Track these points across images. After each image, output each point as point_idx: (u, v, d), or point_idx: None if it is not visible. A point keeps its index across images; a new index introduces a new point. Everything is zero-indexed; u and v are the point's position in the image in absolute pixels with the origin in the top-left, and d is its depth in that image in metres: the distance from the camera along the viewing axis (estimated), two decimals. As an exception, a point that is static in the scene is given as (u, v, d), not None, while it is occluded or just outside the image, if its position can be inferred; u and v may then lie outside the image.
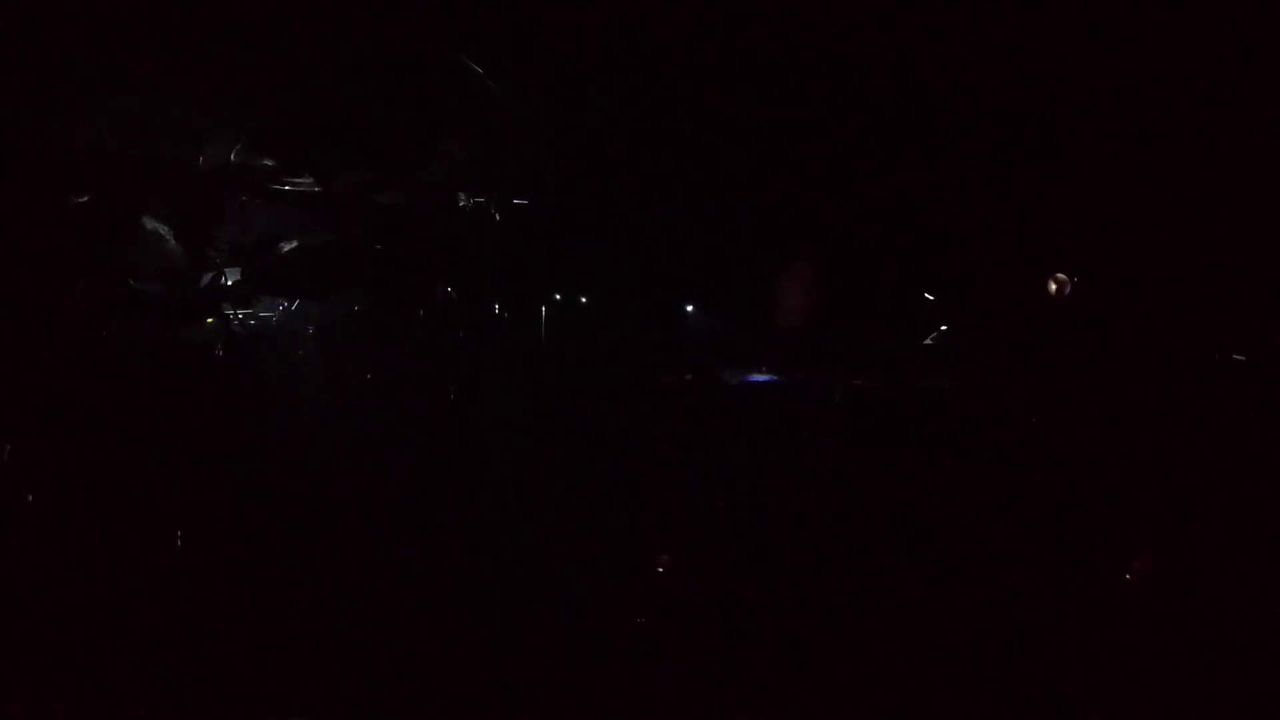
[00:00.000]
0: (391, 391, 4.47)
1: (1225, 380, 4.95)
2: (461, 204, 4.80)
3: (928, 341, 5.46)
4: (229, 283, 4.31)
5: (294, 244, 4.23)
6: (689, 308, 5.62)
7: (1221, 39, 4.77)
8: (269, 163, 4.19)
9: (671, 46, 5.08)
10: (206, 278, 4.14)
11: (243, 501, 3.79)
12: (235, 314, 4.14)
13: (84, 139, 4.55)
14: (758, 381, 5.22)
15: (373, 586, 3.88)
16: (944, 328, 5.45)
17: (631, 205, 5.45)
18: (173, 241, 4.22)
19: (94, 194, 3.87)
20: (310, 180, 4.17)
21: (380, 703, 3.49)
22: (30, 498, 3.51)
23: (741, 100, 5.35)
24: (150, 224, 4.10)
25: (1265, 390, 4.84)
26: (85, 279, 3.95)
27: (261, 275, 4.24)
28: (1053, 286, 5.27)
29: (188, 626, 3.45)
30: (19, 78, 4.52)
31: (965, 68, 5.16)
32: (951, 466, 4.76)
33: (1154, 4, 4.83)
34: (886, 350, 5.30)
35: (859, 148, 5.43)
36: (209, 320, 4.03)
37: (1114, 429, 4.82)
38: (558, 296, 5.08)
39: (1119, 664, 4.04)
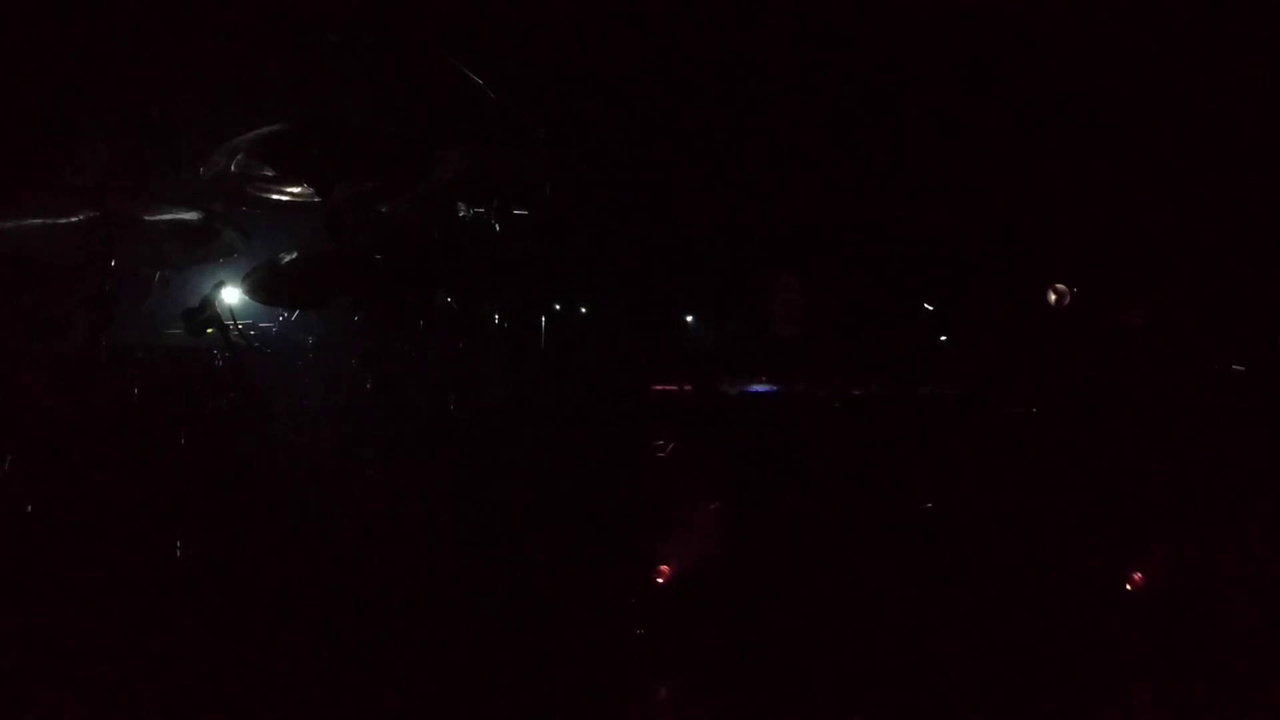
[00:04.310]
0: (391, 400, 4.46)
1: (1225, 391, 4.95)
2: (461, 214, 4.80)
3: (927, 350, 5.46)
4: (228, 292, 4.30)
5: (293, 254, 4.21)
6: (688, 318, 5.62)
7: (1222, 44, 4.78)
8: (268, 172, 4.18)
9: (672, 56, 5.09)
10: (206, 287, 4.12)
11: (242, 511, 3.78)
12: (235, 324, 4.12)
13: (83, 146, 4.56)
14: (757, 391, 5.21)
15: (372, 595, 3.87)
16: (944, 337, 5.45)
17: (631, 215, 5.45)
18: (172, 248, 4.21)
19: (92, 202, 3.85)
20: (310, 190, 4.16)
21: (379, 708, 3.48)
22: (29, 508, 3.50)
23: (741, 110, 5.36)
24: (149, 232, 4.08)
25: (1265, 401, 4.85)
26: (84, 288, 3.94)
27: (261, 284, 4.23)
28: (1052, 296, 5.27)
29: (188, 634, 3.45)
30: (18, 80, 4.52)
31: (964, 75, 5.17)
32: (952, 476, 4.76)
33: (1152, 8, 4.84)
34: (886, 360, 5.30)
35: (859, 156, 5.44)
36: (208, 330, 4.01)
37: (1114, 439, 4.82)
38: (557, 306, 5.08)
39: (1120, 671, 4.04)
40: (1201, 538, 4.53)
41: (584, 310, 5.32)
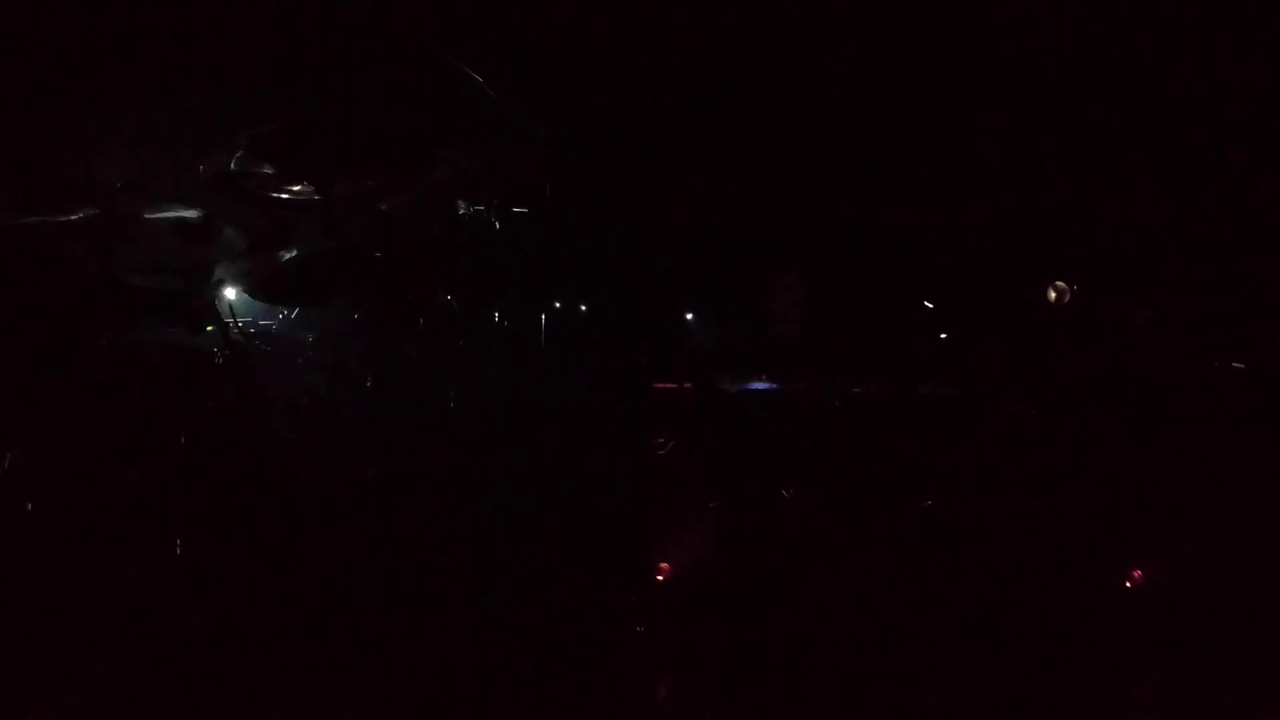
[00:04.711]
0: (391, 399, 4.47)
1: (1225, 390, 4.95)
2: (461, 212, 4.80)
3: (927, 349, 5.46)
4: (228, 290, 4.31)
5: (293, 252, 4.22)
6: (688, 316, 5.62)
7: (1222, 44, 4.78)
8: (268, 170, 4.18)
9: (671, 55, 5.08)
10: (206, 286, 4.13)
11: (242, 510, 3.79)
12: (235, 322, 4.13)
13: (83, 145, 4.56)
14: (757, 390, 5.21)
15: (372, 594, 3.88)
16: (944, 335, 5.45)
17: (631, 213, 5.45)
18: (172, 249, 4.22)
19: (93, 201, 3.86)
20: (310, 188, 4.16)
21: (379, 708, 3.49)
22: (30, 506, 3.50)
23: (740, 109, 5.36)
24: (149, 231, 4.09)
25: (1265, 399, 4.85)
26: (84, 287, 3.94)
27: (261, 283, 4.24)
28: (1052, 294, 5.27)
29: (188, 633, 3.45)
30: (18, 81, 4.52)
31: (964, 73, 5.17)
32: (952, 476, 4.76)
33: (1152, 8, 4.84)
34: (886, 358, 5.31)
35: (859, 156, 5.44)
36: (208, 328, 4.03)
37: (1114, 437, 4.82)
38: (557, 304, 5.08)
39: (1120, 671, 4.04)
40: (1201, 538, 4.53)
41: (584, 310, 5.32)
